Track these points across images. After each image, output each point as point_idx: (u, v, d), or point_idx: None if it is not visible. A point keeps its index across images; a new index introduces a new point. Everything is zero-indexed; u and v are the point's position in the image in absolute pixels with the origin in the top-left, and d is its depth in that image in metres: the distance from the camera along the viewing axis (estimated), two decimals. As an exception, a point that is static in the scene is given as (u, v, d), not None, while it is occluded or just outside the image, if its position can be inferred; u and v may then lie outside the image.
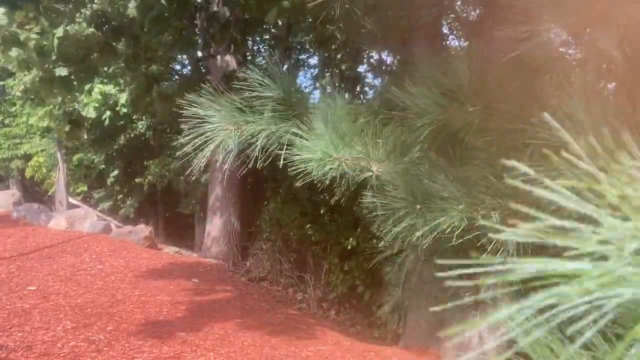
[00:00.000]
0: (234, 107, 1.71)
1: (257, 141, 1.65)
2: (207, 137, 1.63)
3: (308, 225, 8.30)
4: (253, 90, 1.71)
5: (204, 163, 1.66)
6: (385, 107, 2.00)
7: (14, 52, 6.18)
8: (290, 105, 1.73)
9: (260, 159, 1.66)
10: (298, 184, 1.65)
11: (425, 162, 1.58)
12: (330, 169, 1.59)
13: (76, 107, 9.67)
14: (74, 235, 8.79)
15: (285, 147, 1.66)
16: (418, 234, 1.45)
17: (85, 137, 9.85)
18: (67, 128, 8.15)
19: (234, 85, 1.73)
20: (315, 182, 1.67)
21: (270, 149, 1.67)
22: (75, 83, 6.73)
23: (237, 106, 1.71)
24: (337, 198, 1.80)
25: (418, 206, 1.55)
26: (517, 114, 1.39)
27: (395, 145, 1.72)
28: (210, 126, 1.64)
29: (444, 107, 1.58)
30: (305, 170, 1.61)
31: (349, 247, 7.88)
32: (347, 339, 5.90)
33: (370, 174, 1.66)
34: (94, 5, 6.67)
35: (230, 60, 9.71)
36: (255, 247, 9.35)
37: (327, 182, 1.64)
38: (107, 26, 6.59)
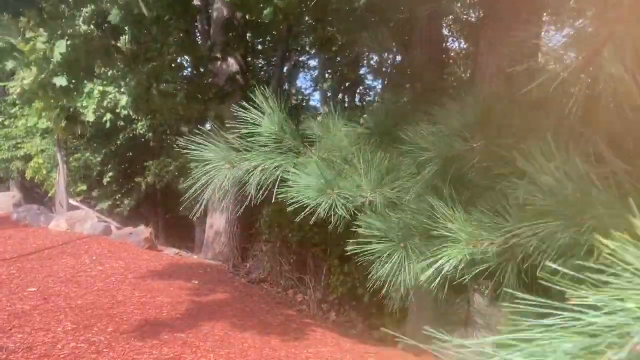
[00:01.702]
0: (229, 147, 1.81)
1: (252, 177, 1.76)
2: (208, 176, 1.76)
3: (308, 227, 8.30)
4: (247, 126, 1.84)
5: (206, 202, 1.80)
6: (385, 135, 2.08)
7: (10, 64, 6.19)
8: (282, 139, 1.82)
9: (257, 194, 1.78)
10: (296, 218, 1.77)
11: (426, 199, 1.63)
12: (324, 202, 1.70)
13: (81, 111, 9.67)
14: (74, 237, 8.79)
15: (278, 182, 1.76)
16: (410, 272, 1.52)
17: (80, 132, 9.84)
18: (63, 123, 8.18)
19: (227, 125, 1.87)
20: (310, 213, 1.79)
21: (267, 183, 1.78)
22: (75, 92, 6.73)
23: (232, 146, 1.81)
24: (333, 225, 1.92)
25: (402, 244, 1.63)
26: (516, 146, 1.42)
27: (388, 175, 1.81)
28: (209, 166, 1.77)
29: (449, 144, 1.63)
30: (300, 202, 1.73)
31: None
32: (346, 340, 5.91)
33: (363, 200, 1.77)
34: (92, 6, 6.68)
35: (233, 63, 9.73)
36: (255, 249, 9.35)
37: (322, 213, 1.77)
38: (106, 25, 6.59)
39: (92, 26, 6.55)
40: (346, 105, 13.05)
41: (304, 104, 14.67)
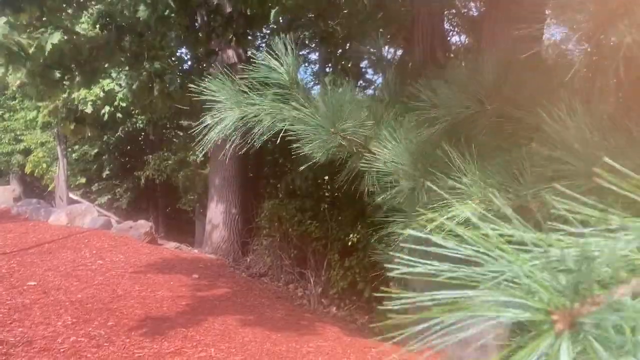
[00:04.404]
0: (238, 90, 1.75)
1: (260, 122, 1.70)
2: (214, 118, 1.71)
3: (308, 222, 8.30)
4: (257, 72, 1.76)
5: (210, 145, 1.72)
6: (395, 99, 2.02)
7: (20, 70, 6.17)
8: (292, 89, 1.76)
9: (261, 138, 1.71)
10: (301, 167, 1.72)
11: (436, 151, 1.58)
12: (331, 146, 1.64)
13: (79, 106, 9.65)
14: (74, 231, 8.78)
15: (284, 130, 1.70)
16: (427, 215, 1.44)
17: (89, 133, 9.85)
18: (72, 126, 8.17)
19: (240, 67, 1.80)
20: (317, 163, 1.71)
21: (272, 131, 1.72)
22: (66, 84, 6.71)
23: (241, 89, 1.75)
24: (339, 185, 1.83)
25: (422, 180, 1.57)
26: (531, 109, 1.39)
27: (402, 127, 1.74)
28: (217, 108, 1.73)
29: (463, 104, 1.58)
30: (307, 152, 1.66)
31: (350, 243, 7.88)
32: (347, 334, 5.90)
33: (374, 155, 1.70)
34: (97, 6, 6.66)
35: (232, 55, 9.70)
36: (256, 243, 9.34)
37: (326, 161, 1.69)
38: (111, 26, 6.58)
39: (97, 28, 6.53)
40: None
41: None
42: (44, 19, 5.84)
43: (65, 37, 5.96)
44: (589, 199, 0.52)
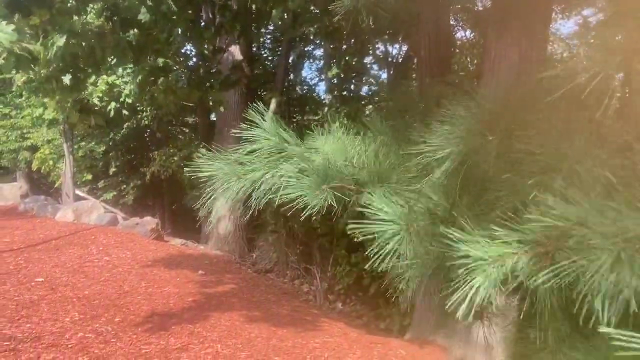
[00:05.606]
0: (235, 162, 2.02)
1: (260, 186, 1.95)
2: (216, 190, 2.00)
3: (314, 217, 8.31)
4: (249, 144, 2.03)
5: (219, 215, 1.99)
6: (392, 137, 2.12)
7: (31, 72, 6.17)
8: (282, 149, 2.00)
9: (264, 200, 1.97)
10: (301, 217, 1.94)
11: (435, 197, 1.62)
12: (318, 201, 1.82)
13: (85, 97, 9.65)
14: (80, 227, 8.82)
15: (281, 188, 1.92)
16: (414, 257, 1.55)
17: (94, 122, 9.89)
18: (77, 116, 8.19)
19: (235, 134, 2.08)
20: (312, 214, 1.89)
21: (274, 189, 1.96)
22: (78, 89, 6.73)
23: (238, 161, 2.02)
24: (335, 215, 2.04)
25: (409, 226, 1.63)
26: (535, 139, 1.39)
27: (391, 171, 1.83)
28: (218, 181, 2.00)
29: (463, 140, 1.59)
30: (299, 204, 1.86)
31: (356, 239, 7.88)
32: (353, 330, 5.91)
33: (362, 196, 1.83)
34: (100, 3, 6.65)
35: (236, 51, 9.69)
36: (262, 239, 9.36)
37: (322, 212, 1.88)
38: (115, 17, 6.57)
39: (102, 20, 6.51)
40: (352, 94, 12.99)
41: (308, 94, 14.66)
42: (53, 20, 5.83)
43: (74, 41, 5.96)
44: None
